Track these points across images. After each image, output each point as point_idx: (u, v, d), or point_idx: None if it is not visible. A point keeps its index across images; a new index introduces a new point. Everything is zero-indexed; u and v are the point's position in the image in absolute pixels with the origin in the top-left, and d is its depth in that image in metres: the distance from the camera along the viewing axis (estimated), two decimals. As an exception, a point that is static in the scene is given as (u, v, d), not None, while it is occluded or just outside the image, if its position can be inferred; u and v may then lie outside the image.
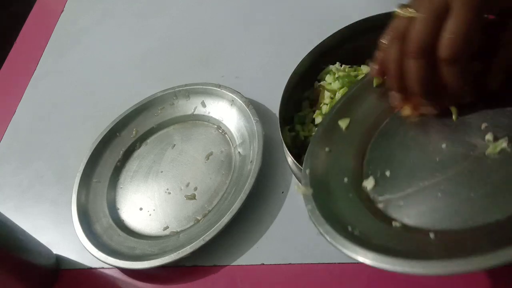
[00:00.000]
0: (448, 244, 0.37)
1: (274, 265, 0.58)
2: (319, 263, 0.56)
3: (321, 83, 0.62)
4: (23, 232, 0.63)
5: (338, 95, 0.58)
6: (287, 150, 0.56)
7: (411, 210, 0.41)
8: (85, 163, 0.72)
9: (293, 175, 0.58)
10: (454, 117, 0.45)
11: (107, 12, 1.00)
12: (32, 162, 0.81)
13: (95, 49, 0.95)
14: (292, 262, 0.57)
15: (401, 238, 0.40)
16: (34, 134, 0.85)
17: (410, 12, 0.42)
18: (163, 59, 0.87)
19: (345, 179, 0.47)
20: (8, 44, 1.03)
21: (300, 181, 0.56)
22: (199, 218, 0.64)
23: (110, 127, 0.75)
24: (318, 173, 0.47)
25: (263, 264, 0.58)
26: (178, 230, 0.64)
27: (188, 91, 0.75)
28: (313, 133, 0.52)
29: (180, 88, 0.75)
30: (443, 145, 0.43)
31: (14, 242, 0.60)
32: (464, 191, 0.39)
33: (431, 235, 0.38)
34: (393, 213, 0.42)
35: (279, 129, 0.58)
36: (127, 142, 0.75)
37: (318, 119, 0.59)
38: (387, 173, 0.45)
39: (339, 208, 0.44)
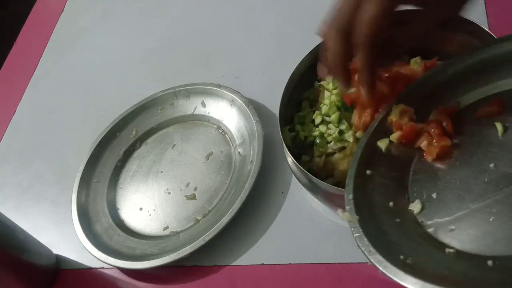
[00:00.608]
0: (509, 271, 0.35)
1: (274, 265, 0.58)
2: (319, 263, 0.56)
3: (321, 83, 0.62)
4: (23, 232, 0.63)
5: (333, 97, 0.58)
6: (287, 150, 0.56)
7: (464, 235, 0.39)
8: (85, 163, 0.72)
9: (293, 175, 0.58)
10: (499, 133, 0.43)
11: (107, 12, 1.00)
12: (32, 162, 0.81)
13: (95, 49, 0.95)
14: (292, 262, 0.57)
15: (456, 265, 0.37)
16: (34, 134, 0.85)
17: None
18: (163, 59, 0.87)
19: (391, 203, 0.44)
20: (8, 44, 1.03)
21: (300, 182, 0.56)
22: (199, 218, 0.64)
23: (110, 127, 0.75)
24: (362, 198, 0.44)
25: (263, 264, 0.58)
26: (178, 230, 0.64)
27: (188, 91, 0.75)
28: (352, 156, 0.49)
29: (180, 88, 0.75)
30: (491, 165, 0.41)
31: (14, 242, 0.60)
32: None
33: (489, 263, 0.36)
34: (445, 238, 0.39)
35: (279, 129, 0.58)
36: (127, 142, 0.75)
37: (318, 119, 0.59)
38: (434, 195, 0.42)
39: (388, 235, 0.41)
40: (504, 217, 0.38)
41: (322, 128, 0.58)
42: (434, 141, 0.45)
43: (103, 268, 0.64)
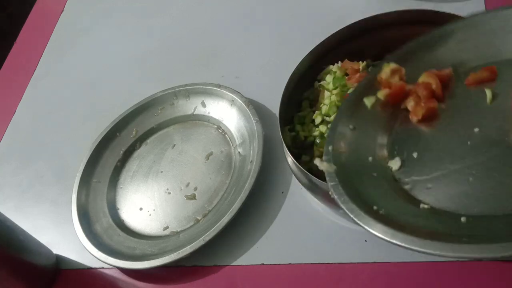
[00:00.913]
0: (480, 229, 0.36)
1: (274, 265, 0.58)
2: (319, 263, 0.56)
3: (321, 83, 0.62)
4: (23, 232, 0.63)
5: (333, 97, 0.58)
6: (287, 150, 0.56)
7: (440, 193, 0.40)
8: (85, 163, 0.72)
9: (293, 175, 0.58)
10: (488, 100, 0.43)
11: (107, 12, 1.00)
12: (32, 162, 0.81)
13: (95, 49, 0.95)
14: (292, 262, 0.57)
15: (429, 220, 0.38)
16: (34, 134, 0.85)
17: None
18: (163, 59, 0.87)
19: (370, 158, 0.45)
20: (8, 44, 1.03)
21: (300, 182, 0.56)
22: (199, 218, 0.64)
23: (110, 127, 0.75)
24: (341, 150, 0.46)
25: (263, 264, 0.58)
26: (178, 230, 0.64)
27: (188, 91, 0.75)
28: (338, 109, 0.50)
29: (180, 88, 0.75)
30: (476, 129, 0.42)
31: (14, 242, 0.60)
32: (498, 176, 0.38)
33: (463, 219, 0.37)
34: (421, 195, 0.40)
35: (279, 129, 0.58)
36: (127, 142, 0.75)
37: (318, 119, 0.59)
38: (414, 155, 0.43)
39: (364, 187, 0.42)
40: (483, 179, 0.39)
41: (322, 128, 0.58)
42: (422, 102, 0.46)
43: (103, 268, 0.64)
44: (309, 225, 0.59)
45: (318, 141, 0.58)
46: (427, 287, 0.51)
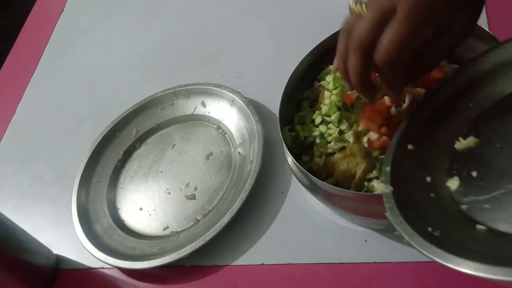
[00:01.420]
0: None
1: (274, 265, 0.58)
2: (319, 263, 0.56)
3: (321, 83, 0.62)
4: (23, 232, 0.63)
5: (333, 97, 0.58)
6: (287, 150, 0.56)
7: (499, 214, 0.38)
8: (85, 163, 0.72)
9: (293, 175, 0.58)
10: None
11: (107, 12, 1.00)
12: (32, 162, 0.81)
13: (95, 49, 0.95)
14: (292, 262, 0.57)
15: (485, 242, 0.37)
16: (34, 134, 0.85)
17: (359, 9, 0.43)
18: (163, 59, 0.87)
19: (428, 178, 0.44)
20: (8, 44, 1.03)
21: (300, 182, 0.56)
22: (199, 218, 0.64)
23: (110, 127, 0.75)
24: (400, 171, 0.45)
25: (263, 264, 0.58)
26: (178, 230, 0.64)
27: (188, 91, 0.75)
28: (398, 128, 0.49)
29: (180, 88, 0.75)
30: None
31: (14, 242, 0.60)
32: None
33: None
34: (478, 216, 0.39)
35: (279, 129, 0.58)
36: (127, 142, 0.75)
37: (318, 119, 0.59)
38: (474, 174, 0.42)
39: (420, 208, 0.41)
40: None
41: (322, 128, 0.58)
42: None
43: (103, 268, 0.64)
44: (309, 225, 0.59)
45: (318, 141, 0.58)
46: (427, 287, 0.51)
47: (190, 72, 0.81)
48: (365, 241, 0.55)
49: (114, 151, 0.74)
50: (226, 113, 0.72)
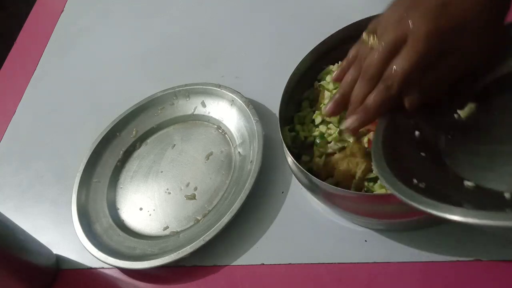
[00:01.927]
0: None
1: (274, 265, 0.58)
2: (319, 263, 0.56)
3: (321, 83, 0.62)
4: (23, 232, 0.63)
5: None
6: (287, 150, 0.56)
7: (487, 173, 0.39)
8: (85, 163, 0.72)
9: (293, 175, 0.58)
10: None
11: (107, 12, 1.00)
12: (32, 162, 0.81)
13: (95, 49, 0.95)
14: (292, 262, 0.57)
15: (472, 195, 0.38)
16: (34, 134, 0.85)
17: (372, 42, 0.46)
18: (163, 59, 0.87)
19: (416, 133, 0.45)
20: (8, 44, 1.03)
21: (300, 182, 0.56)
22: (199, 218, 0.64)
23: (110, 127, 0.75)
24: (391, 128, 0.46)
25: (263, 264, 0.58)
26: (178, 230, 0.64)
27: (188, 91, 0.75)
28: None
29: (180, 88, 0.75)
30: None
31: (14, 242, 0.60)
32: None
33: (507, 195, 0.36)
34: (466, 174, 0.40)
35: (279, 129, 0.58)
36: (127, 142, 0.75)
37: (318, 119, 0.59)
38: (464, 135, 0.43)
39: (408, 163, 0.43)
40: None
41: (322, 128, 0.58)
42: None
43: (103, 268, 0.64)
44: (309, 225, 0.59)
45: (318, 141, 0.58)
46: (427, 287, 0.51)
47: (190, 72, 0.81)
48: (365, 241, 0.55)
49: (114, 151, 0.74)
50: (226, 113, 0.72)
